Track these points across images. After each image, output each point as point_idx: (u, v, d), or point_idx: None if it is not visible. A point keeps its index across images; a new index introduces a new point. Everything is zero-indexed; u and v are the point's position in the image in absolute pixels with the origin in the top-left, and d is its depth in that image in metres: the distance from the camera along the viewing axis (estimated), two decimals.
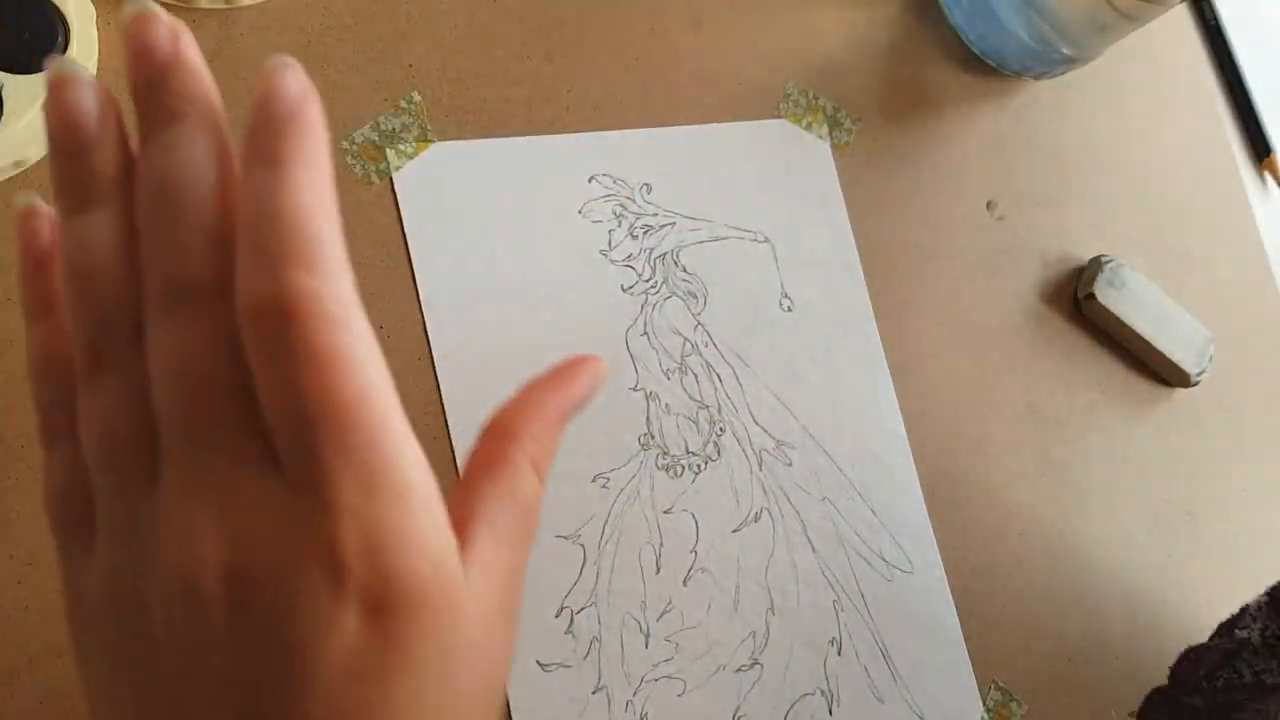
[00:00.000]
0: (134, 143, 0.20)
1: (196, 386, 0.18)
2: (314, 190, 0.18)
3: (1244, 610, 0.39)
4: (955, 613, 0.43)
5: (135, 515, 0.19)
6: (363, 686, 0.18)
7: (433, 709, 0.19)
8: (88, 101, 0.19)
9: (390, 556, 0.18)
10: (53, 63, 0.19)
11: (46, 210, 0.21)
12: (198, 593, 0.18)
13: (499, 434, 0.23)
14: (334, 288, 0.18)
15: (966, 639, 0.43)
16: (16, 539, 0.30)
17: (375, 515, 0.18)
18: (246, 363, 0.18)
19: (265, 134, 0.19)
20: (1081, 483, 0.48)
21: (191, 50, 0.19)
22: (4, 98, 0.31)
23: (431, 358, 0.36)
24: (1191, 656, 0.39)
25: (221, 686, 0.18)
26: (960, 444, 0.46)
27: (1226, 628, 0.39)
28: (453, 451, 0.36)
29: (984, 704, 0.43)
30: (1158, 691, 0.40)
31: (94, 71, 0.33)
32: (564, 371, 0.24)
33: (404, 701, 0.18)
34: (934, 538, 0.44)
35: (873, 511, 0.43)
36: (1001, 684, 0.43)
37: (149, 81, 0.19)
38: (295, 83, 0.19)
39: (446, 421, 0.36)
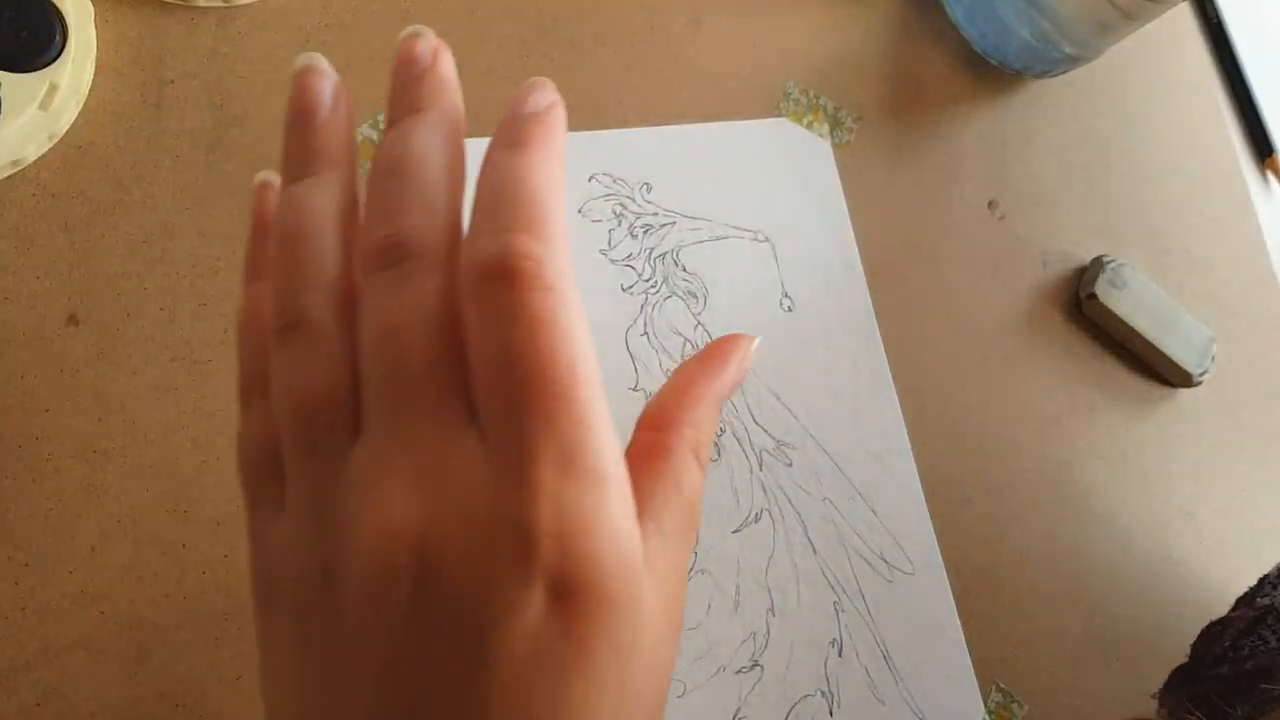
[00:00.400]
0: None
1: (407, 345, 0.18)
2: (550, 172, 0.20)
3: (1263, 580, 0.39)
4: (956, 613, 0.43)
5: (328, 476, 0.19)
6: (540, 677, 0.17)
7: (607, 706, 0.18)
8: (324, 87, 0.22)
9: (581, 542, 0.17)
10: (304, 56, 0.22)
11: (277, 183, 0.23)
12: (387, 559, 0.17)
13: (657, 424, 0.22)
14: (556, 259, 0.18)
15: (968, 640, 0.43)
16: (15, 539, 0.30)
17: (570, 498, 0.17)
18: (458, 329, 0.19)
19: (513, 124, 0.20)
20: (1083, 483, 0.48)
21: (446, 64, 0.22)
22: (2, 96, 0.31)
23: None
24: (1214, 630, 0.39)
25: (401, 658, 0.17)
26: (961, 444, 0.46)
27: (1247, 599, 0.39)
28: None
29: (985, 705, 0.43)
30: (1180, 669, 0.39)
31: (92, 71, 0.33)
32: (715, 354, 0.24)
33: (579, 692, 0.18)
34: (935, 538, 0.44)
35: (873, 512, 0.43)
36: (1003, 685, 0.43)
37: (404, 83, 0.21)
38: (547, 93, 0.21)
39: None
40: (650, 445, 0.21)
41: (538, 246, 0.18)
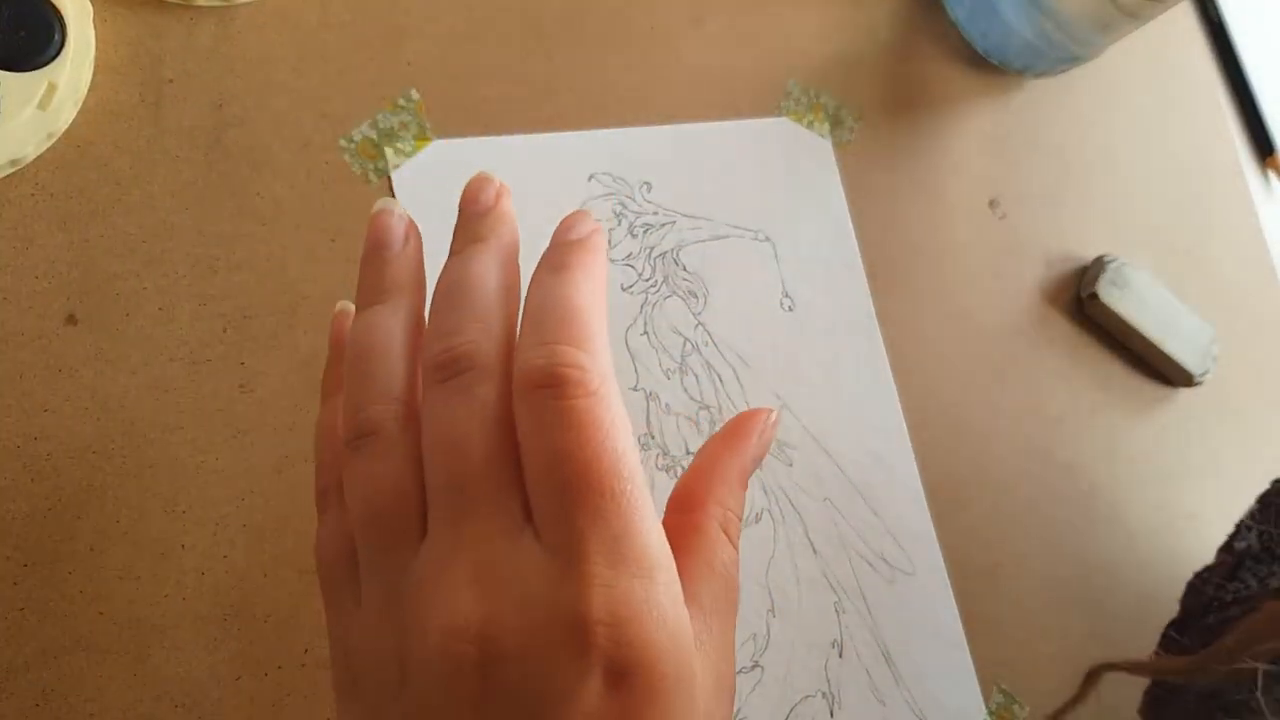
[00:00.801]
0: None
1: (466, 450, 0.20)
2: (591, 293, 0.22)
3: (1239, 525, 0.39)
4: (958, 614, 0.43)
5: (398, 573, 0.20)
6: None
7: None
8: (398, 225, 0.24)
9: (633, 628, 0.19)
10: (381, 200, 0.25)
11: (351, 313, 0.25)
12: (452, 651, 0.19)
13: (686, 505, 0.24)
14: (599, 367, 0.21)
15: (969, 641, 0.43)
16: (14, 539, 0.30)
17: (621, 587, 0.19)
18: (513, 435, 0.20)
19: (559, 249, 0.23)
20: (1084, 483, 0.48)
21: (507, 203, 0.25)
22: (1, 95, 0.31)
23: None
24: (1199, 580, 0.39)
25: None
26: (963, 444, 0.45)
27: (1226, 547, 0.39)
28: None
29: (987, 706, 0.43)
30: (1172, 625, 0.39)
31: (91, 70, 0.33)
32: (736, 430, 0.25)
33: None
34: (936, 539, 0.43)
35: (874, 512, 0.43)
36: (1004, 686, 0.43)
37: (469, 217, 0.24)
38: (589, 221, 0.24)
39: None
40: (682, 527, 0.23)
41: (582, 356, 0.20)
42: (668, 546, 0.20)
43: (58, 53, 0.32)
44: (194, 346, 0.33)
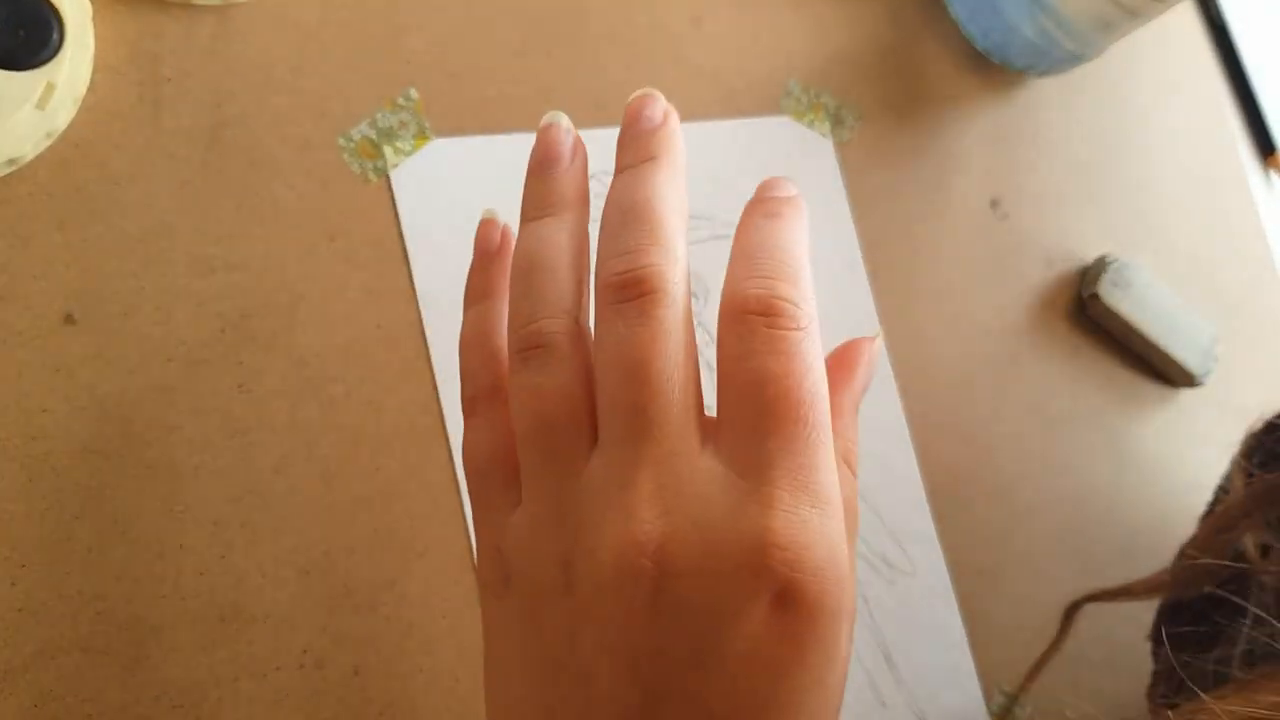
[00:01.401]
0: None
1: (647, 374, 0.21)
2: (803, 242, 0.23)
3: (1218, 490, 0.39)
4: (959, 615, 0.43)
5: (568, 480, 0.21)
6: (759, 674, 0.19)
7: (810, 703, 0.20)
8: (566, 140, 0.25)
9: (807, 556, 0.19)
10: (550, 113, 0.25)
11: (500, 221, 0.27)
12: (629, 564, 0.19)
13: None
14: (808, 307, 0.22)
15: (970, 642, 0.43)
16: (11, 540, 0.30)
17: (800, 514, 0.20)
18: (692, 359, 0.21)
19: (770, 201, 0.24)
20: (1086, 483, 0.48)
21: (675, 121, 0.25)
22: None
23: (429, 358, 0.36)
24: (1185, 553, 0.39)
25: (634, 656, 0.20)
26: (963, 445, 0.45)
27: (1206, 515, 0.39)
28: (450, 452, 0.35)
29: (988, 708, 0.42)
30: (1164, 605, 0.39)
31: (89, 69, 0.33)
32: (842, 361, 0.26)
33: (792, 689, 0.20)
34: (937, 539, 0.43)
35: (875, 513, 0.43)
36: (1006, 688, 0.43)
37: (635, 134, 0.24)
38: (791, 186, 0.25)
39: (444, 422, 0.35)
40: None
41: (795, 293, 0.22)
42: (838, 485, 0.21)
43: (56, 52, 0.32)
44: (192, 346, 0.33)
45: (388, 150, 0.36)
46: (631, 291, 0.21)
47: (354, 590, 0.33)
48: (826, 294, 0.43)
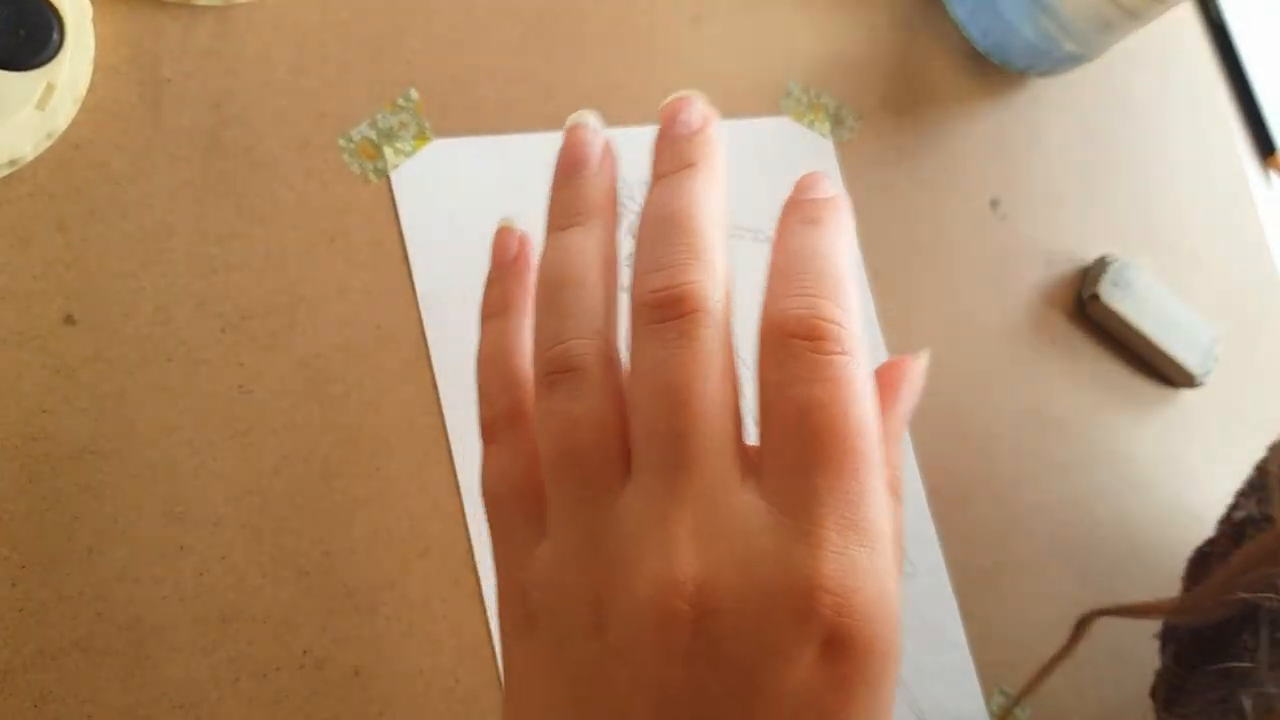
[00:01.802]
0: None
1: (687, 399, 0.19)
2: (845, 252, 0.22)
3: (1237, 496, 0.39)
4: (959, 616, 0.43)
5: (599, 514, 0.20)
6: (808, 717, 0.18)
7: None
8: (595, 142, 0.24)
9: (858, 600, 0.18)
10: (577, 113, 0.24)
11: (518, 230, 0.26)
12: (666, 605, 0.18)
13: None
14: (854, 327, 0.20)
15: (970, 643, 0.43)
16: (11, 540, 0.30)
17: (850, 555, 0.18)
18: (733, 386, 0.20)
19: (808, 205, 0.22)
20: (1086, 484, 0.48)
21: (715, 126, 0.24)
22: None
23: (429, 359, 0.36)
24: (1201, 554, 0.38)
25: (670, 698, 0.18)
26: (963, 445, 0.45)
27: (1225, 519, 0.39)
28: (450, 452, 0.35)
29: (988, 709, 0.42)
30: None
31: (89, 70, 0.33)
32: (888, 381, 0.24)
33: None
34: (937, 540, 0.43)
35: None
36: (1006, 689, 0.43)
37: (673, 140, 0.23)
38: (830, 184, 0.23)
39: (444, 422, 0.35)
40: None
41: (839, 313, 0.20)
42: (891, 517, 0.20)
43: (56, 52, 0.32)
44: (192, 347, 0.33)
45: (388, 151, 0.36)
46: (670, 311, 0.20)
47: (354, 591, 0.33)
48: None
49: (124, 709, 0.30)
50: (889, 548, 0.19)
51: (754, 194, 0.43)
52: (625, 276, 0.22)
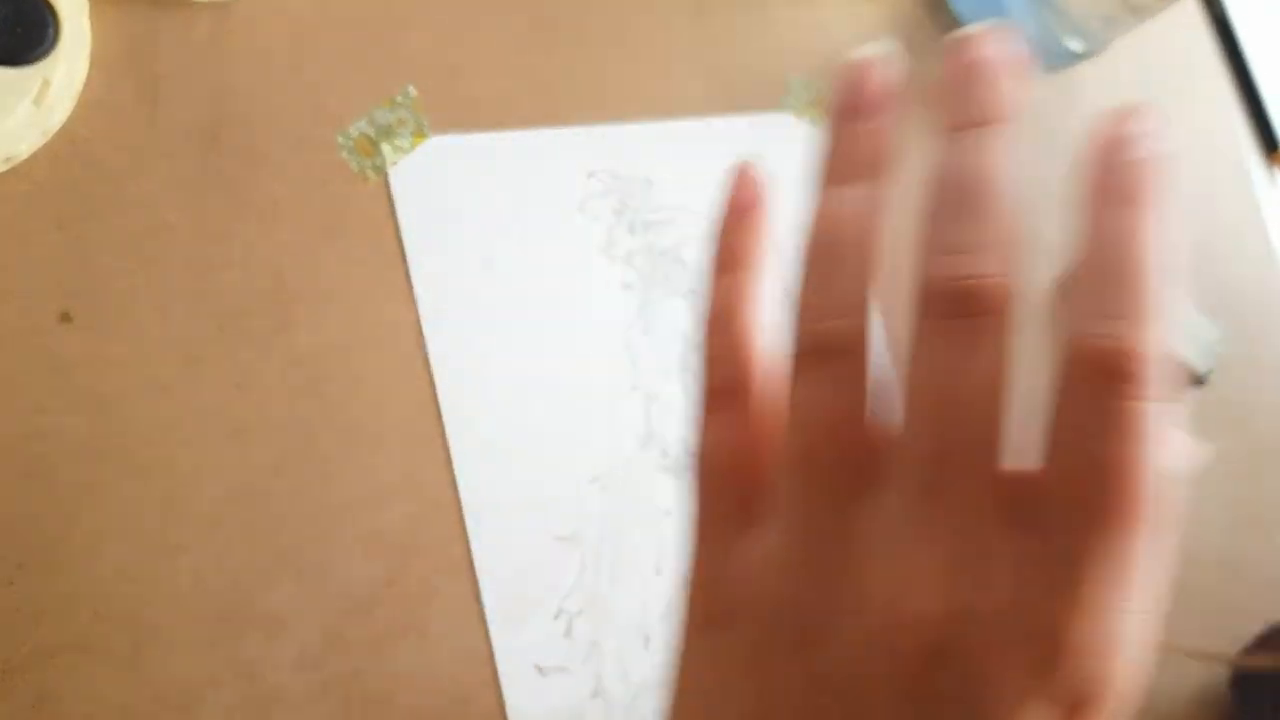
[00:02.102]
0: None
1: (965, 415, 0.17)
2: (1168, 249, 0.18)
3: None
4: None
5: (839, 529, 0.18)
6: None
7: None
8: (884, 76, 0.19)
9: (1106, 665, 0.17)
10: (865, 48, 0.19)
11: (758, 171, 0.22)
12: (900, 638, 0.17)
13: None
14: (1163, 357, 0.17)
15: None
16: (9, 539, 0.30)
17: (1110, 620, 0.17)
18: (1006, 403, 0.17)
19: (1127, 171, 0.18)
20: None
21: (1017, 84, 0.19)
22: None
23: (426, 356, 0.36)
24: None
25: None
26: None
27: None
28: (447, 450, 0.35)
29: None
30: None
31: (86, 66, 0.32)
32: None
33: None
34: None
35: None
36: None
37: (968, 86, 0.19)
38: (1160, 134, 0.19)
39: (442, 421, 0.35)
40: None
41: (1154, 346, 0.17)
42: (1160, 581, 0.18)
43: (52, 48, 0.31)
44: (189, 345, 0.33)
45: (386, 148, 0.36)
46: (960, 306, 0.18)
47: (352, 590, 0.33)
48: None
49: (122, 707, 0.30)
50: (1146, 609, 0.17)
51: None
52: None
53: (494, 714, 0.34)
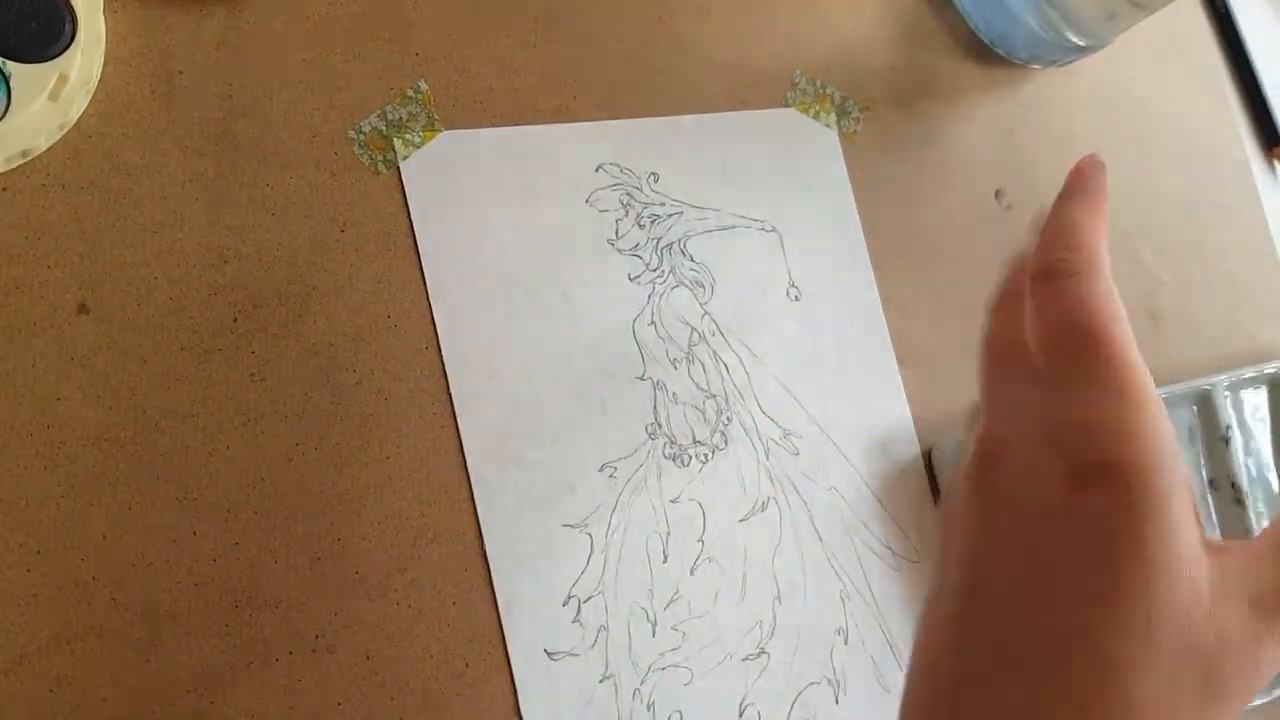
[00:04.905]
0: None
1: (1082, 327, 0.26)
2: (1093, 211, 0.29)
3: None
4: None
5: (1015, 390, 0.27)
6: (1053, 533, 0.23)
7: (1113, 587, 0.22)
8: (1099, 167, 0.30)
9: (1099, 437, 0.24)
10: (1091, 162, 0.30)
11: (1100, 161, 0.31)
12: (981, 453, 0.26)
13: None
14: (1082, 258, 0.27)
15: None
16: (27, 527, 0.30)
17: (1092, 405, 0.24)
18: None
19: (1075, 177, 0.30)
20: None
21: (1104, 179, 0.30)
22: (12, 87, 0.31)
23: (439, 347, 0.36)
24: None
25: (982, 515, 0.25)
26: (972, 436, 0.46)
27: None
28: (459, 439, 0.36)
29: None
30: None
31: (101, 61, 0.33)
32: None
33: (1073, 565, 0.23)
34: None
35: (880, 501, 0.43)
36: None
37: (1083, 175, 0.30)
38: (1097, 166, 0.30)
39: (453, 409, 0.36)
40: None
41: (1069, 254, 0.27)
42: (1150, 384, 0.24)
43: (69, 44, 0.32)
44: (205, 336, 0.33)
45: (397, 142, 0.37)
46: (1048, 270, 0.27)
47: (365, 576, 0.34)
48: (830, 286, 0.43)
49: (138, 692, 0.30)
50: (1143, 405, 0.24)
51: (760, 185, 0.43)
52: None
53: (505, 697, 0.35)
